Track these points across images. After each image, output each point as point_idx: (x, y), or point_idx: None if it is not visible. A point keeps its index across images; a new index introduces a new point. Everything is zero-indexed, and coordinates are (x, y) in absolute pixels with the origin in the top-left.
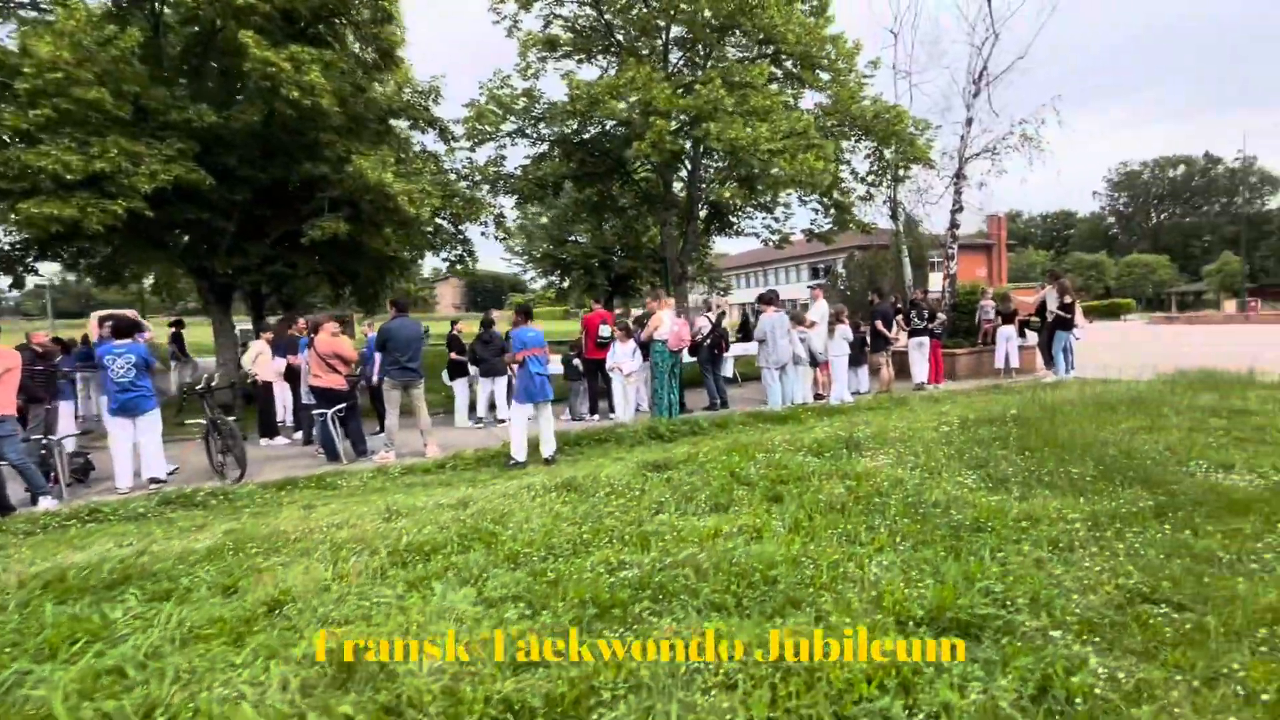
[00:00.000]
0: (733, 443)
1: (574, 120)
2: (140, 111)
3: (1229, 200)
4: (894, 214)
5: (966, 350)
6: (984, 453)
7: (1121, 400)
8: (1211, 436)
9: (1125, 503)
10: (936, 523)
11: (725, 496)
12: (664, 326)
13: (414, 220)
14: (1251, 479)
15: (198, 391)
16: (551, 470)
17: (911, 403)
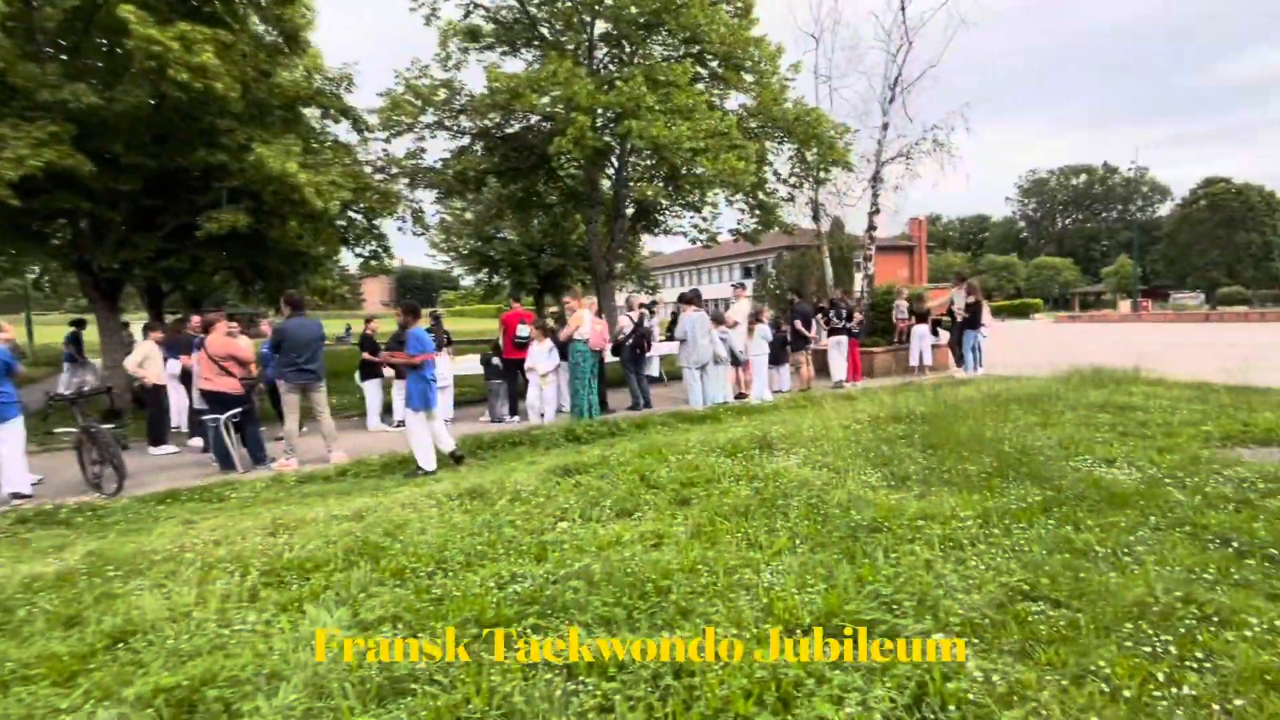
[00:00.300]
0: (648, 444)
1: (495, 114)
2: (7, 89)
3: (1125, 207)
4: (815, 215)
5: (883, 349)
6: (889, 451)
7: (1021, 397)
8: (1099, 432)
9: (1016, 499)
10: (837, 524)
11: (632, 501)
12: (584, 326)
13: (322, 213)
14: (1130, 472)
15: (66, 398)
16: (459, 476)
17: (828, 401)
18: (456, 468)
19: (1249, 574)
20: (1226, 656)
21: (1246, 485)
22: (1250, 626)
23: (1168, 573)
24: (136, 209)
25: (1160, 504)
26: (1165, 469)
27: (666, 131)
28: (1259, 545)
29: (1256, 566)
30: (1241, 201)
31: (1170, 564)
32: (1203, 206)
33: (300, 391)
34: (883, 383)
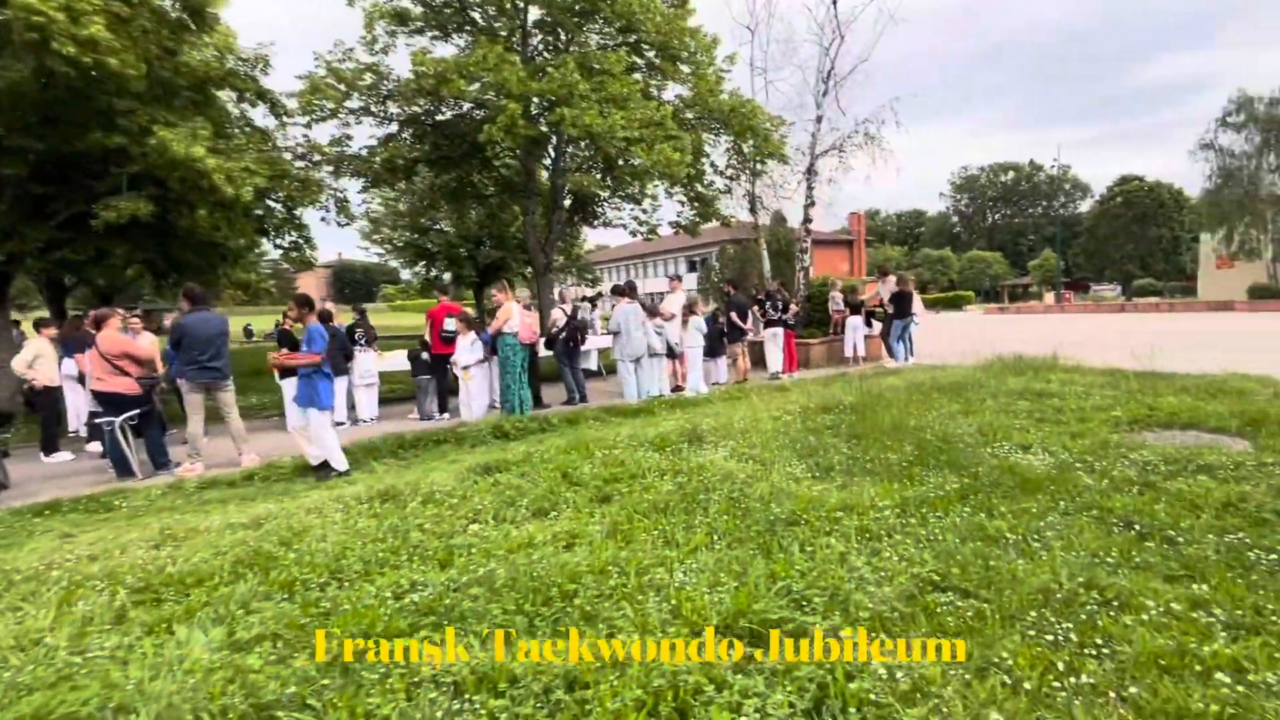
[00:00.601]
0: (576, 440)
1: (424, 100)
2: None
3: (1049, 203)
4: (753, 208)
5: (819, 340)
6: (816, 441)
7: (945, 385)
8: (1017, 418)
9: (934, 487)
10: (756, 518)
11: (550, 500)
12: (513, 319)
13: (234, 201)
14: (1044, 458)
15: None
16: (374, 478)
17: (763, 392)
18: (324, 477)
19: (1149, 556)
20: (1125, 641)
21: (1150, 468)
22: (1148, 610)
23: (1073, 558)
24: (23, 196)
25: (1070, 489)
26: (1076, 454)
27: (600, 120)
28: (1159, 527)
29: (1156, 549)
30: (1153, 198)
31: (1077, 549)
32: (1119, 203)
33: (204, 391)
34: (818, 374)
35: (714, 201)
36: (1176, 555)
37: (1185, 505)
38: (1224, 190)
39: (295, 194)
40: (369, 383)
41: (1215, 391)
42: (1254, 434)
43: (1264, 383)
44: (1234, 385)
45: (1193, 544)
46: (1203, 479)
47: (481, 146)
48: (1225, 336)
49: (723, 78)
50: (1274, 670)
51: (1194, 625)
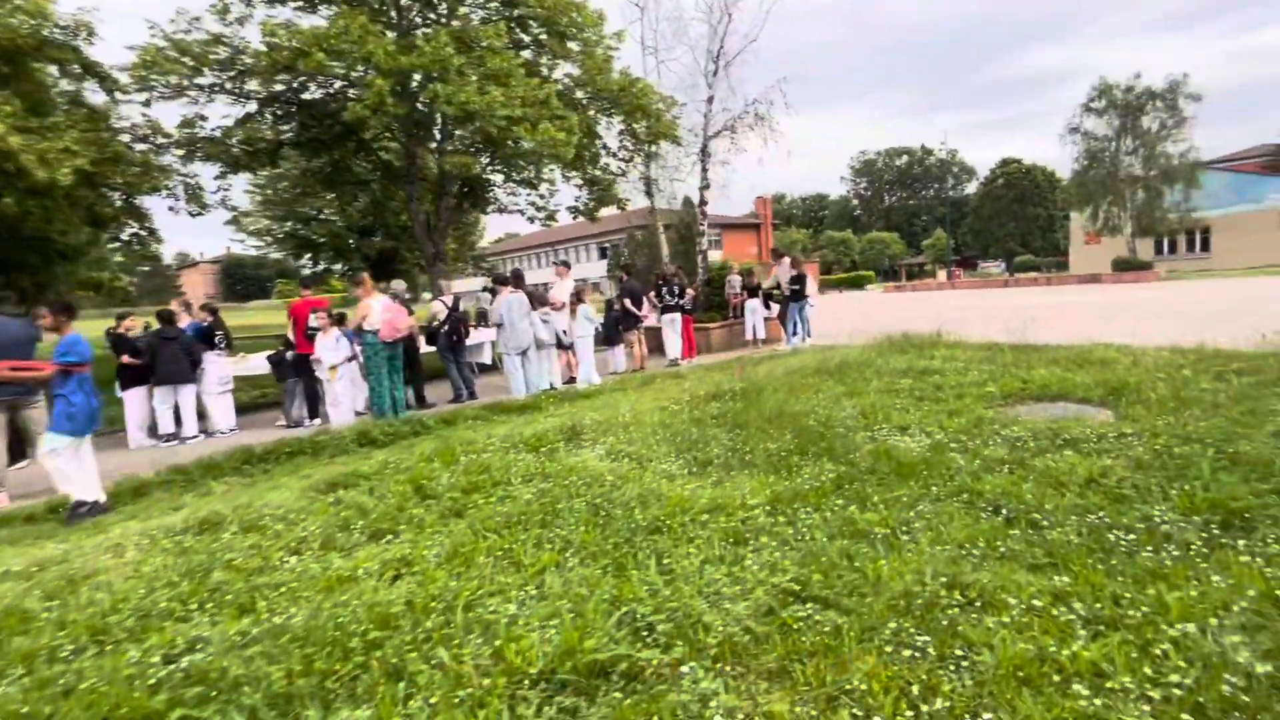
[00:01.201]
0: (444, 444)
1: (284, 76)
2: None
3: (940, 185)
4: (649, 191)
5: (719, 324)
6: (698, 433)
7: (835, 367)
8: (899, 398)
9: (810, 477)
10: (618, 527)
11: (394, 520)
12: (373, 315)
13: (50, 187)
14: (920, 439)
15: None
16: (201, 502)
17: (657, 381)
18: (77, 517)
19: (1014, 544)
20: (986, 647)
21: (1019, 444)
22: (1009, 609)
23: (940, 552)
24: None
25: (943, 472)
26: (952, 433)
27: (478, 98)
28: (1025, 510)
29: (1021, 535)
30: (1030, 180)
31: (944, 540)
32: (1000, 185)
33: (8, 410)
34: (717, 358)
35: (611, 186)
36: (1041, 541)
37: (1051, 483)
38: (1089, 171)
39: (133, 180)
40: (223, 390)
41: (1082, 362)
42: (1115, 403)
43: (1124, 351)
44: (1098, 355)
45: (1057, 527)
46: (1068, 454)
47: (355, 128)
48: (1092, 308)
49: (612, 56)
50: (1132, 673)
51: (1055, 623)
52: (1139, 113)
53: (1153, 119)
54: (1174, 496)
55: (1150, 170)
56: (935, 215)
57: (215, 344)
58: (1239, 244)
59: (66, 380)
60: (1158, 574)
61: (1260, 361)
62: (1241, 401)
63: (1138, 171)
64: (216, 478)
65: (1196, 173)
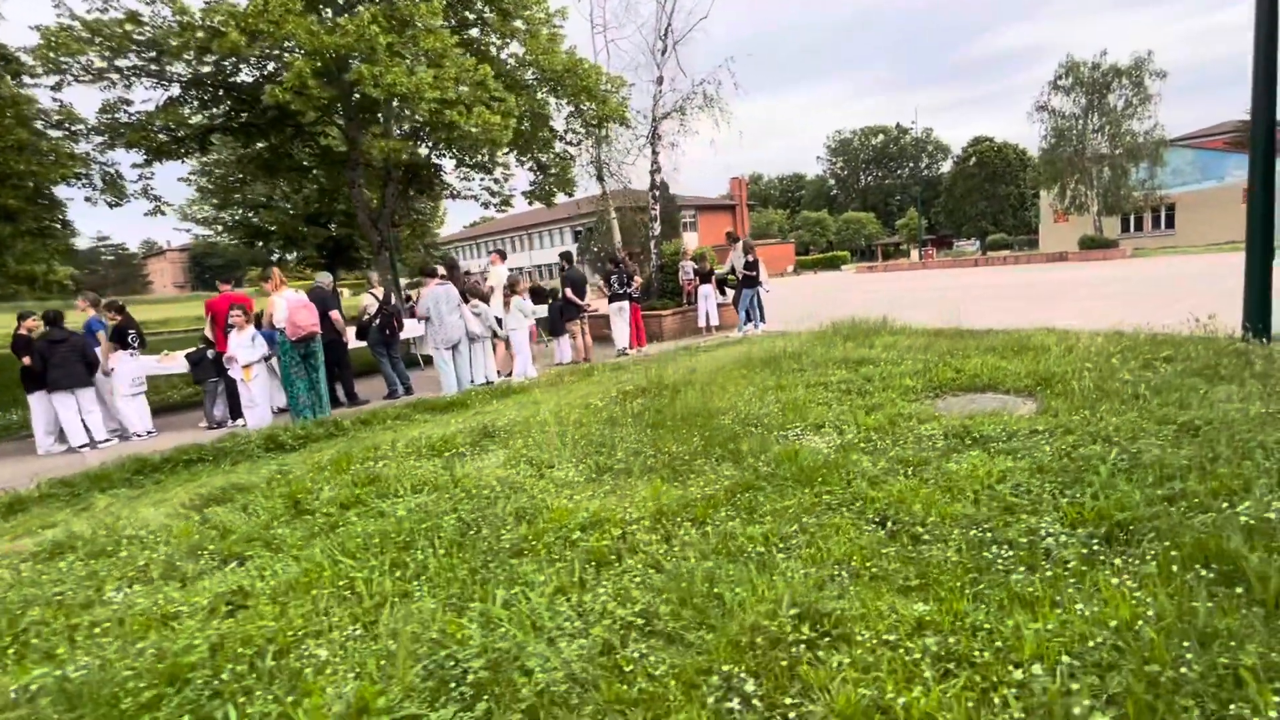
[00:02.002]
0: (345, 450)
1: (211, 58)
2: None
3: (915, 164)
4: (600, 174)
5: (671, 311)
6: (611, 434)
7: (772, 357)
8: (826, 392)
9: (707, 484)
10: (482, 548)
11: (254, 541)
12: (277, 312)
13: None
14: (831, 439)
15: None
16: (71, 523)
17: (595, 373)
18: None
19: (890, 562)
20: (823, 692)
21: (928, 444)
22: (861, 644)
23: (810, 574)
24: None
25: (842, 477)
26: (865, 432)
27: (405, 79)
28: (910, 523)
29: (899, 552)
30: (1001, 158)
31: (820, 558)
32: (973, 163)
33: None
34: (667, 347)
35: (566, 170)
36: (918, 558)
37: (946, 490)
38: (1057, 149)
39: (41, 169)
40: (136, 391)
41: (1019, 349)
42: (1042, 393)
43: (1062, 337)
44: (1036, 341)
45: (938, 543)
46: (973, 455)
47: (289, 113)
48: (1051, 285)
49: (558, 35)
50: None
51: (905, 661)
52: (1105, 90)
53: (1119, 97)
54: (1064, 506)
55: (1116, 148)
56: (910, 194)
57: (128, 343)
58: (1203, 220)
59: None
60: (1024, 599)
61: (1190, 348)
62: (1161, 393)
63: (1104, 149)
64: (104, 490)
65: (1161, 150)
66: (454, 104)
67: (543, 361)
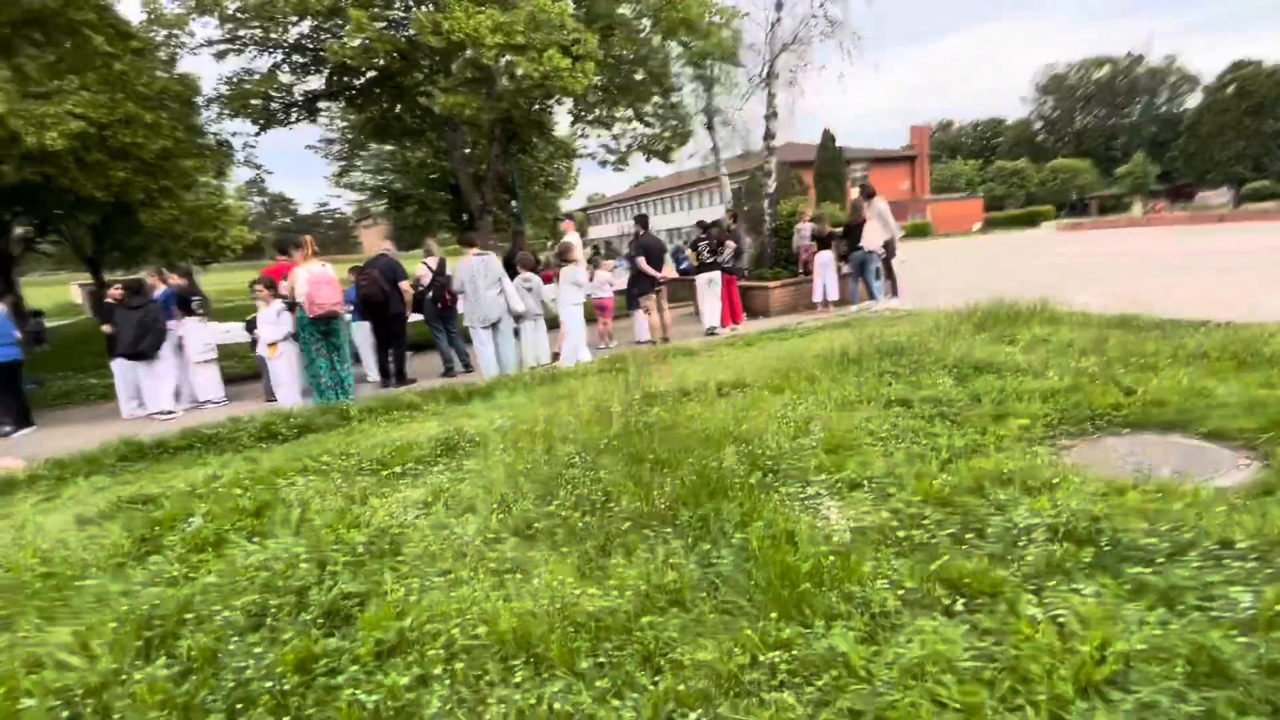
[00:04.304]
0: (301, 452)
1: (307, 23)
2: None
3: (1151, 99)
4: (710, 124)
5: (781, 283)
6: (579, 465)
7: (868, 351)
8: (907, 416)
9: (626, 580)
10: (228, 683)
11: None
12: (297, 286)
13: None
14: (860, 512)
15: None
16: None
17: (654, 360)
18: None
19: None
20: None
21: (1012, 548)
22: None
23: None
24: None
25: (826, 609)
26: (920, 503)
27: (465, 22)
28: None
29: None
30: (1274, 83)
31: None
32: (1228, 94)
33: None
34: (770, 324)
35: (685, 120)
36: None
37: (1002, 684)
38: None
39: (171, 141)
40: (206, 358)
41: (1249, 356)
42: (1274, 446)
43: None
44: (1277, 347)
45: None
46: (1089, 591)
47: (390, 75)
48: None
49: None
50: None
51: None
52: None
53: None
54: None
55: None
56: (1141, 136)
57: (193, 310)
58: None
59: None
60: None
61: None
62: None
63: None
64: (88, 475)
65: None
66: (522, 49)
67: (622, 339)
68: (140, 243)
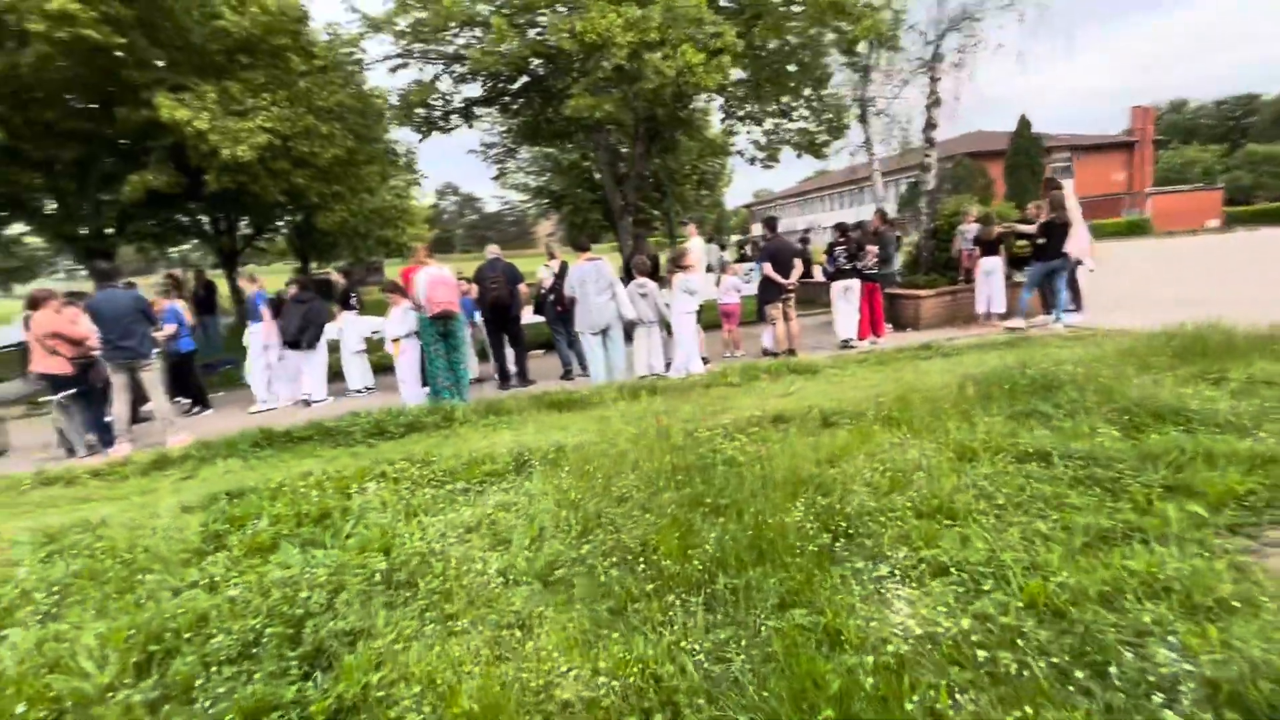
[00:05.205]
0: (384, 457)
1: (455, 30)
2: None
3: None
4: (863, 115)
5: (935, 292)
6: (635, 499)
7: (1020, 382)
8: (1041, 479)
9: (633, 659)
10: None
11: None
12: (417, 287)
13: (234, 162)
14: (929, 616)
15: None
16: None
17: (766, 377)
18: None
19: None
20: None
21: (1146, 697)
22: None
23: None
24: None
25: None
26: (1024, 609)
27: (599, 21)
28: None
29: None
30: None
31: None
32: None
33: (127, 371)
34: (917, 339)
35: (841, 114)
36: None
37: None
38: None
39: (343, 150)
40: (359, 349)
41: None
42: None
43: None
44: None
45: None
46: None
47: (539, 79)
48: None
49: None
50: None
51: None
52: None
53: None
54: None
55: None
56: None
57: (349, 305)
58: None
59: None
60: None
61: None
62: None
63: None
64: (228, 456)
65: None
66: (655, 46)
67: (750, 348)
68: (332, 241)
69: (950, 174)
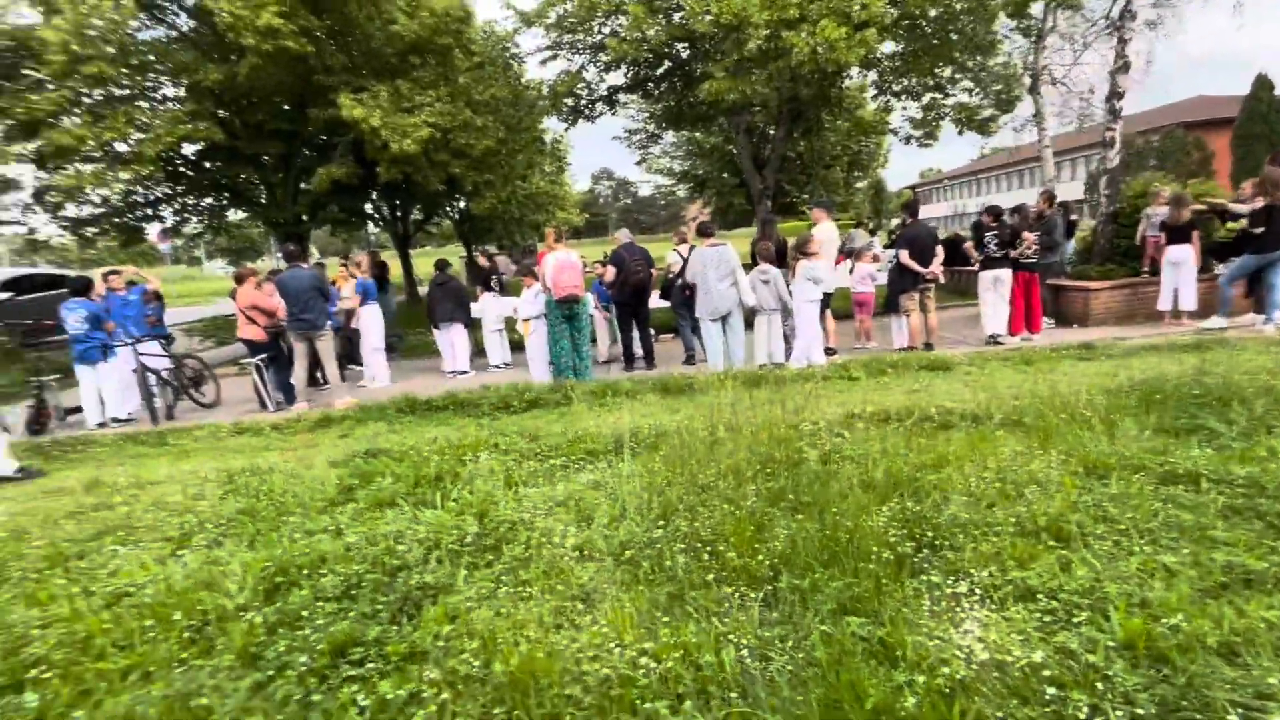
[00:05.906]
0: (503, 429)
1: (602, 19)
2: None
3: None
4: (1034, 85)
5: (1111, 284)
6: (718, 489)
7: (1199, 392)
8: (1162, 502)
9: (676, 650)
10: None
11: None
12: (545, 272)
13: (401, 154)
14: (1033, 645)
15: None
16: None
17: (892, 372)
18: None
19: None
20: None
21: None
22: None
23: None
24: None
25: None
26: (1106, 648)
27: (735, 1)
28: None
29: None
30: None
31: None
32: None
33: (305, 340)
34: (1082, 337)
35: (1010, 85)
36: None
37: None
38: None
39: (494, 141)
40: (498, 328)
41: None
42: None
43: None
44: None
45: None
46: None
47: (681, 64)
48: None
49: None
50: None
51: None
52: None
53: None
54: None
55: None
56: None
57: (490, 286)
58: None
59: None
60: None
61: None
62: None
63: None
64: (378, 420)
65: None
66: (795, 24)
67: (882, 340)
68: (488, 225)
69: (1156, 149)
